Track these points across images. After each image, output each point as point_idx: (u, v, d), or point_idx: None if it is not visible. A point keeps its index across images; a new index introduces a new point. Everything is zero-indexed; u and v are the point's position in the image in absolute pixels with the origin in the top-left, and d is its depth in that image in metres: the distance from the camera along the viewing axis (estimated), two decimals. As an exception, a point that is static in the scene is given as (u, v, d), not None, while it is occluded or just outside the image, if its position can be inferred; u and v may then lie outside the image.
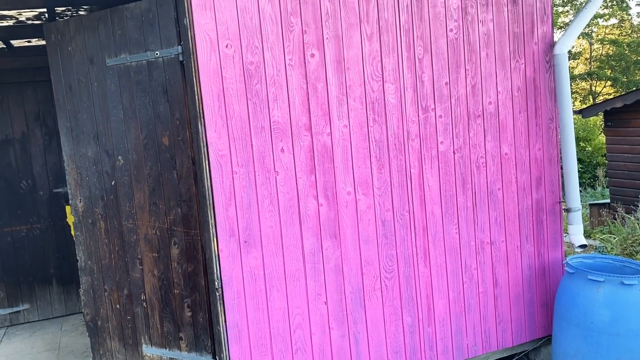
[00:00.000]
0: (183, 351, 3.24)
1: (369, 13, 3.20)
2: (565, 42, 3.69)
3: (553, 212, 3.84)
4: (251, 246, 3.00)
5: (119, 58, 3.15)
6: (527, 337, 3.84)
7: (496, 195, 3.64)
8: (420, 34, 3.34)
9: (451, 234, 3.53)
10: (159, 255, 3.22)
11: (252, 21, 2.92)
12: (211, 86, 2.86)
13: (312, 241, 3.14)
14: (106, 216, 3.39)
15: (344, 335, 3.26)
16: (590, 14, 3.76)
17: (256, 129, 2.97)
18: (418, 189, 3.40)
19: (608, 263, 3.64)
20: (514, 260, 3.74)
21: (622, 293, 3.22)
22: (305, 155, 3.10)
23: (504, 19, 3.59)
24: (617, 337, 3.22)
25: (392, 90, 3.29)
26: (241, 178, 2.96)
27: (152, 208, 3.20)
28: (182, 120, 3.00)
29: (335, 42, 3.12)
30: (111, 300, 3.48)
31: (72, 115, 3.42)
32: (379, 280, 3.34)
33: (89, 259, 3.54)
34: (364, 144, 3.24)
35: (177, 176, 3.08)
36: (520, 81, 3.66)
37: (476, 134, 3.55)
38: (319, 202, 3.15)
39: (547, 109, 3.77)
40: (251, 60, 2.93)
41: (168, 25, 2.96)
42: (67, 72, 3.39)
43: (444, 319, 3.55)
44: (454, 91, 3.46)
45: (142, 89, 3.11)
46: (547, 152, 3.79)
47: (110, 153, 3.29)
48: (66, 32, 3.34)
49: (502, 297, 3.71)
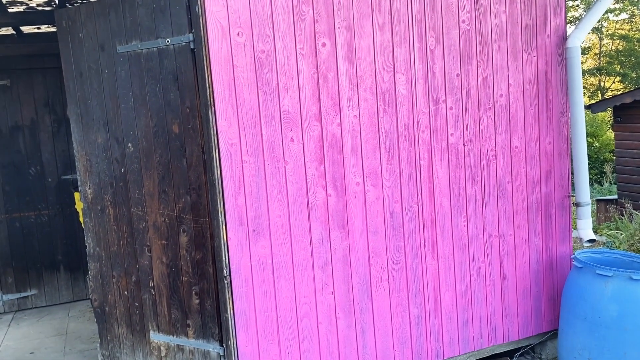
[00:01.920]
0: (190, 338, 3.25)
1: (381, 3, 3.17)
2: (578, 35, 3.66)
3: (562, 206, 3.83)
4: (260, 235, 3.01)
5: (129, 45, 3.15)
6: (534, 330, 3.84)
7: (505, 189, 3.62)
8: (432, 25, 3.32)
9: (459, 227, 3.52)
10: (168, 243, 3.24)
11: (264, 9, 2.91)
12: (222, 74, 2.85)
13: (320, 231, 3.14)
14: (115, 203, 3.40)
15: (350, 325, 3.27)
16: (603, 7, 3.72)
17: (266, 118, 2.97)
18: (427, 181, 3.40)
19: (616, 258, 3.63)
20: (522, 254, 3.73)
21: (631, 288, 3.21)
22: (314, 146, 3.09)
23: (516, 11, 3.55)
24: (624, 332, 3.21)
25: (403, 81, 3.27)
26: (251, 167, 2.96)
27: (161, 195, 3.21)
28: (192, 108, 3.00)
29: (346, 31, 3.11)
30: (119, 286, 3.50)
31: (82, 102, 3.42)
32: (386, 271, 3.34)
33: (97, 245, 3.55)
34: (373, 134, 3.23)
35: (186, 164, 3.09)
36: (531, 74, 3.64)
37: (487, 127, 3.53)
38: (328, 193, 3.15)
39: (559, 103, 3.74)
40: (262, 49, 2.92)
41: (179, 13, 2.95)
42: (77, 58, 3.39)
43: (451, 311, 3.55)
44: (465, 83, 3.44)
45: (153, 76, 3.10)
46: (557, 146, 3.77)
47: (120, 140, 3.30)
48: (77, 19, 3.34)
49: (509, 291, 3.71)
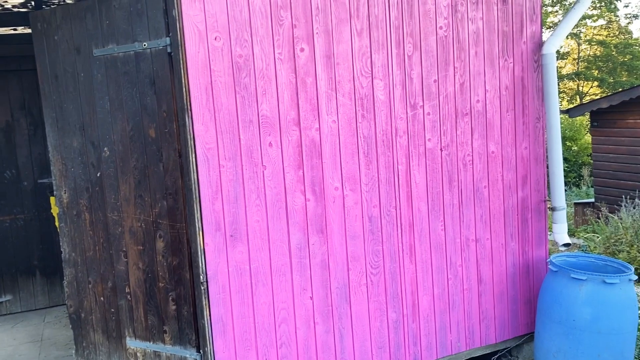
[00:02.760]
0: (167, 344, 3.22)
1: (359, 8, 3.19)
2: (554, 42, 3.72)
3: (538, 210, 3.88)
4: (237, 240, 2.99)
5: (106, 48, 3.12)
6: (510, 334, 3.88)
7: (482, 193, 3.66)
8: (410, 31, 3.35)
9: (437, 231, 3.54)
10: (144, 248, 3.20)
11: (242, 14, 2.90)
12: (199, 79, 2.84)
13: (298, 236, 3.14)
14: (91, 208, 3.36)
15: (328, 330, 3.27)
16: (578, 14, 3.78)
17: (244, 122, 2.96)
18: (405, 186, 3.41)
19: (591, 262, 3.69)
20: (499, 258, 3.77)
21: (604, 292, 3.27)
22: (293, 150, 3.09)
23: (493, 18, 3.60)
24: (598, 335, 3.26)
25: (381, 87, 3.29)
26: (228, 172, 2.94)
27: (137, 200, 3.17)
28: (169, 112, 2.98)
29: (325, 37, 3.11)
30: (95, 292, 3.46)
31: (57, 106, 3.38)
32: (364, 275, 3.35)
33: (73, 250, 3.51)
34: (352, 139, 3.24)
35: (163, 169, 3.06)
36: (508, 80, 3.68)
37: (464, 132, 3.56)
38: (307, 197, 3.14)
39: (535, 108, 3.79)
40: (240, 54, 2.92)
41: (156, 16, 2.93)
42: (53, 61, 3.35)
43: (429, 315, 3.57)
44: (443, 89, 3.47)
45: (129, 80, 3.08)
46: (533, 151, 3.82)
47: (96, 144, 3.26)
48: (52, 21, 3.30)
49: (486, 294, 3.74)
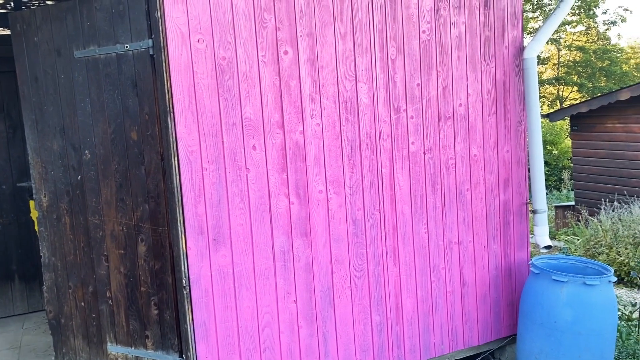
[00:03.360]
0: (149, 350, 3.18)
1: (343, 12, 3.20)
2: (535, 47, 3.76)
3: (520, 213, 3.92)
4: (220, 244, 2.97)
5: (87, 50, 3.08)
6: (493, 336, 3.90)
7: (465, 196, 3.69)
8: (393, 35, 3.36)
9: (420, 234, 3.56)
10: (126, 252, 3.16)
11: (225, 16, 2.89)
12: (182, 81, 2.82)
13: (282, 239, 3.13)
14: (72, 211, 3.31)
15: (312, 334, 3.26)
16: (558, 20, 3.84)
17: (227, 125, 2.94)
18: (389, 189, 3.42)
19: (572, 264, 3.73)
20: (481, 260, 3.79)
21: (585, 293, 3.31)
22: (277, 153, 3.08)
23: (475, 22, 3.63)
24: (579, 336, 3.30)
25: (364, 90, 3.30)
26: (211, 175, 2.92)
27: (119, 204, 3.14)
28: (151, 115, 2.95)
29: (309, 40, 3.12)
30: (75, 297, 3.40)
31: (37, 108, 3.32)
32: (348, 279, 3.34)
33: (53, 255, 3.45)
34: (336, 142, 3.24)
35: (145, 172, 3.03)
36: (490, 84, 3.72)
37: (446, 136, 3.59)
38: (290, 201, 3.14)
39: (516, 112, 3.84)
40: (223, 56, 2.90)
41: (139, 18, 2.90)
42: (32, 63, 3.30)
43: (412, 317, 3.58)
44: (426, 92, 3.50)
45: (111, 82, 3.04)
46: (515, 155, 3.86)
47: (77, 147, 3.22)
48: (32, 22, 3.25)
49: (469, 297, 3.77)
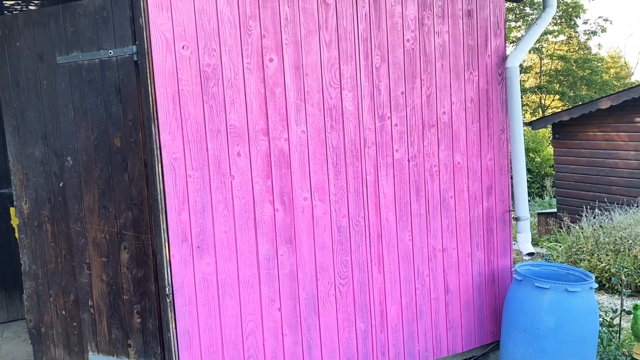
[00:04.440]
0: (131, 358, 3.14)
1: (328, 20, 3.21)
2: (517, 56, 3.82)
3: (503, 220, 3.95)
4: (204, 251, 2.95)
5: (70, 56, 3.05)
6: (477, 342, 3.92)
7: (448, 203, 3.71)
8: (378, 43, 3.39)
9: (405, 241, 3.57)
10: (108, 260, 3.13)
11: (210, 23, 2.89)
12: (166, 87, 2.81)
13: (267, 247, 3.12)
14: (53, 219, 3.27)
15: (297, 342, 3.25)
16: (540, 29, 3.90)
17: (212, 132, 2.93)
18: (373, 196, 3.44)
19: (554, 271, 3.77)
20: (465, 267, 3.82)
21: (566, 300, 3.34)
22: (262, 160, 3.08)
23: (459, 31, 3.67)
24: (561, 342, 3.33)
25: (349, 98, 3.31)
26: (195, 182, 2.91)
27: (101, 211, 3.10)
28: (135, 121, 2.93)
29: (294, 47, 3.12)
30: (56, 306, 3.35)
31: (19, 114, 3.28)
32: (333, 286, 3.34)
33: (33, 262, 3.40)
34: (321, 150, 3.24)
35: (128, 179, 3.01)
36: (473, 92, 3.76)
37: (430, 143, 3.61)
38: (275, 208, 3.13)
39: (499, 120, 3.88)
40: (208, 63, 2.90)
41: (123, 24, 2.89)
42: (14, 68, 3.26)
43: (397, 325, 3.59)
44: (410, 100, 3.52)
45: (94, 88, 3.02)
46: (498, 162, 3.89)
47: (59, 153, 3.18)
48: (14, 27, 3.22)
49: (453, 304, 3.78)
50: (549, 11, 3.89)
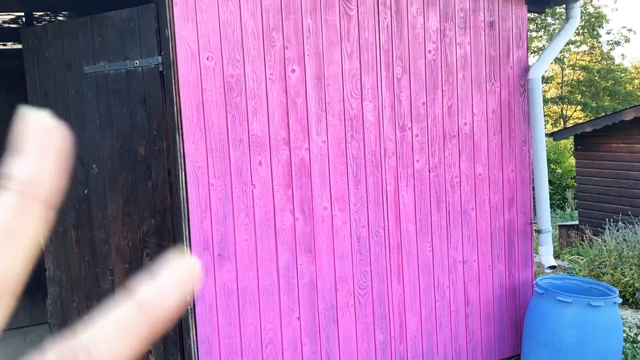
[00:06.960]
0: (152, 365, 3.17)
1: (350, 32, 3.24)
2: (539, 67, 3.79)
3: (524, 232, 3.91)
4: (225, 260, 2.98)
5: (97, 66, 3.12)
6: (497, 356, 3.88)
7: (469, 215, 3.69)
8: (399, 54, 3.40)
9: (425, 252, 3.56)
10: (131, 267, 3.17)
11: (234, 35, 2.93)
12: (190, 97, 2.85)
13: (287, 256, 3.13)
14: (78, 225, 3.33)
15: (315, 351, 3.25)
16: (563, 41, 3.88)
17: (234, 141, 2.97)
18: (393, 206, 3.43)
19: (576, 284, 3.72)
20: (486, 280, 3.78)
21: (589, 314, 3.29)
22: (282, 170, 3.10)
23: (481, 43, 3.67)
24: (583, 357, 3.27)
25: (370, 108, 3.32)
26: (217, 190, 2.94)
27: (125, 218, 3.15)
28: (159, 130, 2.98)
29: (316, 58, 3.15)
30: (79, 311, 3.40)
31: (46, 122, 3.36)
32: (352, 296, 3.34)
33: (57, 268, 3.46)
34: (341, 159, 3.26)
35: (152, 187, 3.05)
36: (495, 103, 3.74)
37: (451, 154, 3.60)
38: (295, 217, 3.15)
39: (521, 132, 3.85)
40: (232, 73, 2.94)
41: (149, 35, 2.95)
42: (43, 77, 3.34)
43: (416, 336, 3.56)
44: (431, 111, 3.52)
45: (120, 97, 3.08)
46: (519, 174, 3.87)
47: (85, 161, 3.24)
48: (44, 38, 3.30)
49: (473, 316, 3.75)
50: (572, 22, 3.86)
